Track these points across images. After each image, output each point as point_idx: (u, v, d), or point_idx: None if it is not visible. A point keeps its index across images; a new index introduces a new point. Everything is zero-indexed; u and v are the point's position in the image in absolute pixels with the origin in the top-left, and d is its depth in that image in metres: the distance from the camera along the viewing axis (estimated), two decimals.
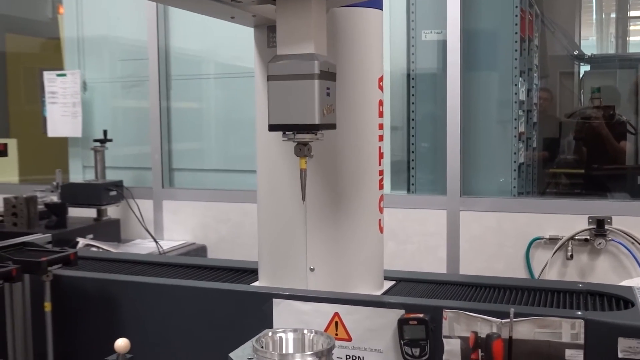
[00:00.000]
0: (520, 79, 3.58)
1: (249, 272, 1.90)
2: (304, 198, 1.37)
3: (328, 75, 1.33)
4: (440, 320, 1.45)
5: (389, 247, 3.49)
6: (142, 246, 3.70)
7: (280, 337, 1.27)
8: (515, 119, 3.57)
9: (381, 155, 1.69)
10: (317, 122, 1.29)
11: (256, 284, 1.77)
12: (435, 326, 1.45)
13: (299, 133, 1.31)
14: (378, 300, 1.53)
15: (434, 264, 3.27)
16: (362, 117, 1.62)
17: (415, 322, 1.45)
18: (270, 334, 1.27)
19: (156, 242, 3.75)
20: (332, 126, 1.36)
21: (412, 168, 3.74)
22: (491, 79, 3.63)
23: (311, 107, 1.29)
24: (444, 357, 1.44)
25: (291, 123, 1.30)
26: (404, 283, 1.78)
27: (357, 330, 1.52)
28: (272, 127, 1.31)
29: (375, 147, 1.66)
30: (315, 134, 1.31)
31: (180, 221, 4.00)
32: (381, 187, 1.70)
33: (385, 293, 1.69)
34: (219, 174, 4.20)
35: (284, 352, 1.26)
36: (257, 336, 1.25)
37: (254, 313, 1.59)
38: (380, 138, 1.68)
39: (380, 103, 1.68)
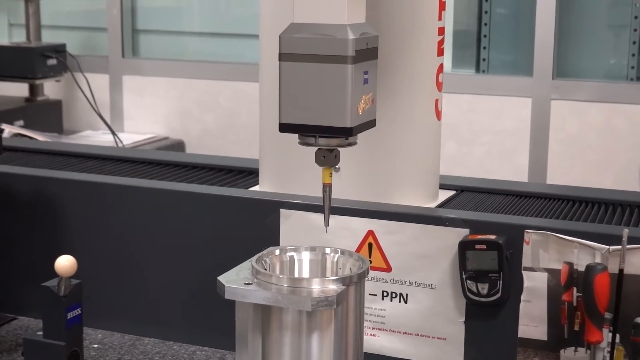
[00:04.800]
0: None
1: (246, 174, 1.91)
2: (326, 224, 1.37)
3: (367, 54, 1.31)
4: (519, 244, 1.44)
5: (448, 149, 3.47)
6: (94, 139, 3.73)
7: (291, 258, 1.28)
8: None
9: (442, 6, 1.66)
10: (348, 125, 1.28)
11: (256, 188, 1.77)
12: (513, 253, 1.45)
13: (323, 137, 1.29)
14: (431, 215, 1.52)
15: (511, 174, 3.27)
16: None
17: (484, 247, 1.45)
18: (277, 252, 1.28)
19: (114, 135, 3.76)
20: (371, 124, 1.36)
21: (485, 36, 3.70)
22: None
23: (341, 104, 1.28)
24: (522, 297, 1.45)
25: (311, 124, 1.29)
26: (469, 193, 1.78)
27: (399, 257, 1.53)
28: (284, 127, 1.31)
29: None
30: (347, 139, 1.30)
31: (148, 106, 4.00)
32: (441, 52, 1.68)
33: (441, 205, 1.69)
34: (204, 40, 4.17)
35: (296, 276, 1.27)
36: (259, 255, 1.26)
37: (253, 228, 1.60)
38: None
39: None
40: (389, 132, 1.62)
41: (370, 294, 1.54)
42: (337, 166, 1.59)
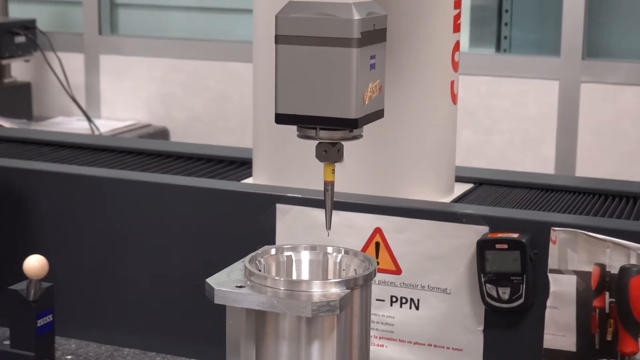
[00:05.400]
0: None
1: (238, 165, 1.91)
2: (328, 227, 1.36)
3: (374, 36, 1.30)
4: (545, 244, 1.45)
5: (465, 138, 3.47)
6: (67, 127, 3.73)
7: (289, 258, 1.28)
8: None
9: None
10: (353, 116, 1.27)
11: (249, 180, 1.77)
12: (538, 254, 1.45)
13: (325, 129, 1.29)
14: (446, 211, 1.52)
15: (536, 166, 3.27)
16: None
17: (506, 247, 1.45)
18: (272, 251, 1.28)
19: (89, 121, 3.77)
20: (378, 115, 1.35)
21: (506, 11, 3.69)
22: None
23: (345, 93, 1.27)
24: (548, 303, 1.45)
25: (312, 115, 1.28)
26: (488, 187, 1.78)
27: (409, 258, 1.53)
28: (281, 118, 1.30)
29: None
30: (351, 131, 1.30)
31: (128, 89, 4.00)
32: (457, 28, 1.68)
33: (457, 200, 1.69)
34: (191, 15, 4.15)
35: (294, 278, 1.27)
36: (252, 255, 1.26)
37: (246, 225, 1.60)
38: None
39: None
40: (398, 117, 1.62)
41: (377, 299, 1.54)
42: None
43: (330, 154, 1.31)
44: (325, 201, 1.34)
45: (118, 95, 4.02)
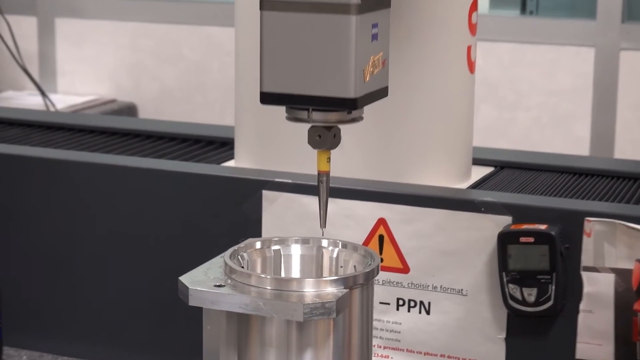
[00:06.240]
0: None
1: (218, 146, 1.93)
2: (322, 225, 1.36)
3: (376, 1, 1.30)
4: (578, 237, 1.45)
5: (484, 115, 3.47)
6: (18, 102, 3.74)
7: (277, 252, 1.28)
8: None
9: None
10: (351, 95, 1.26)
11: (230, 163, 1.78)
12: (569, 248, 1.45)
13: (319, 111, 1.29)
14: (462, 198, 1.53)
15: (568, 147, 3.27)
16: None
17: (532, 240, 1.45)
18: (258, 245, 1.28)
19: (44, 96, 3.77)
20: (381, 93, 1.35)
21: None
22: None
23: (342, 68, 1.26)
24: (581, 306, 1.46)
25: (303, 94, 1.28)
26: (512, 170, 1.79)
27: (419, 254, 1.53)
28: (267, 98, 1.30)
29: None
30: (349, 113, 1.30)
31: (89, 59, 4.00)
32: None
33: (475, 186, 1.69)
34: None
35: (283, 275, 1.27)
36: (234, 248, 1.26)
37: (227, 215, 1.61)
38: None
39: None
40: (405, 89, 1.62)
41: (381, 303, 1.54)
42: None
43: (324, 139, 1.31)
44: (319, 194, 1.34)
45: (77, 65, 4.02)
